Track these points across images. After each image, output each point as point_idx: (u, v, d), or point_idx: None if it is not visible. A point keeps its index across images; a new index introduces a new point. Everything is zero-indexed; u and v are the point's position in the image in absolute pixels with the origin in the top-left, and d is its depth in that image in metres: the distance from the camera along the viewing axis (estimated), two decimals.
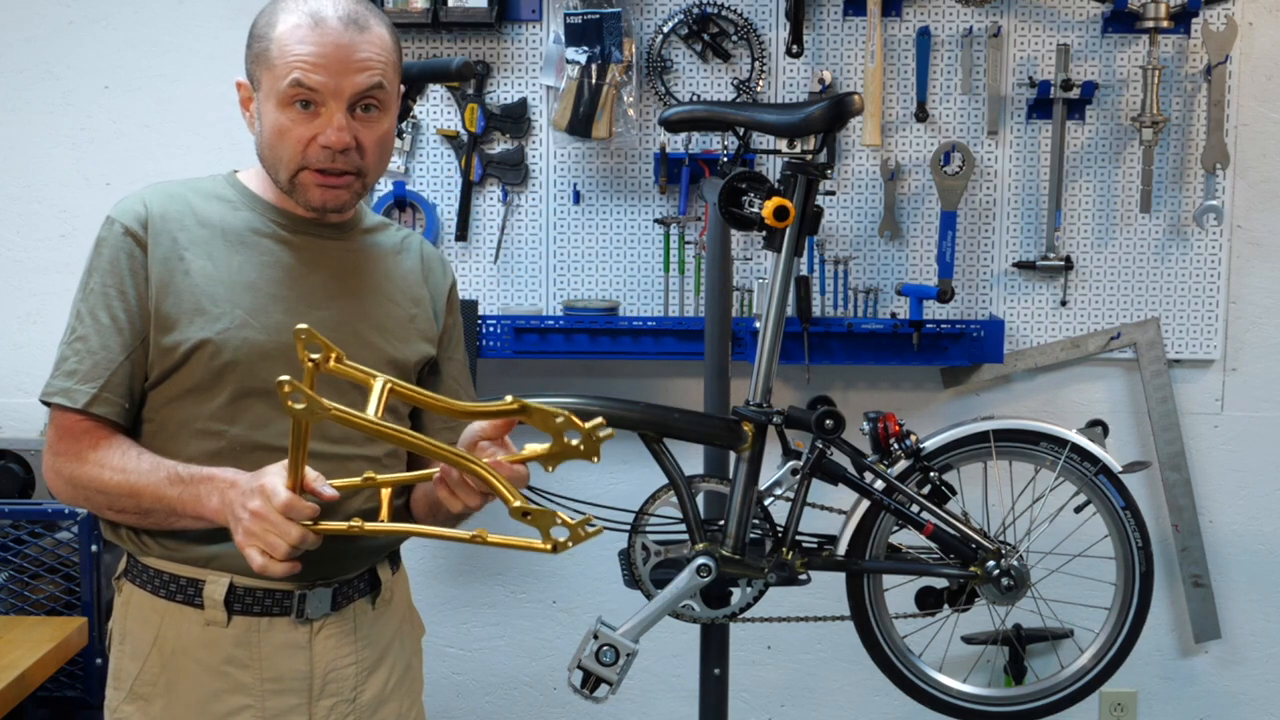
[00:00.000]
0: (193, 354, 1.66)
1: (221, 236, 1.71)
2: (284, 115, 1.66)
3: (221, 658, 1.69)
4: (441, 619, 3.07)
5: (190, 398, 1.68)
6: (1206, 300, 2.96)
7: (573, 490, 2.64)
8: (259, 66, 1.68)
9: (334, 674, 1.74)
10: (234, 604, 1.69)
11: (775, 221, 2.25)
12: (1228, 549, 3.04)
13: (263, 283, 1.70)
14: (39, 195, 2.96)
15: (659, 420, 2.34)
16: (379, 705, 1.79)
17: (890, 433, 2.41)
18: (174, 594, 1.70)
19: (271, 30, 1.66)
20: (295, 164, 1.68)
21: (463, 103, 2.90)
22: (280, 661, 1.71)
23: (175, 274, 1.67)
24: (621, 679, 2.34)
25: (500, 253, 2.94)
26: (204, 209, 1.73)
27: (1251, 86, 2.93)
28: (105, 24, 2.95)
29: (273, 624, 1.70)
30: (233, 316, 1.67)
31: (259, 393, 1.67)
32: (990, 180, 2.93)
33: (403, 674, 1.85)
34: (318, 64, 1.64)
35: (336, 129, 1.65)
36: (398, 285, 1.83)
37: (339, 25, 1.65)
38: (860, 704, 3.09)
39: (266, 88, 1.67)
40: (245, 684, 1.69)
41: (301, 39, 1.64)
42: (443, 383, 1.88)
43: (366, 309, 1.77)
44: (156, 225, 1.69)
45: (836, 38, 2.90)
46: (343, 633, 1.75)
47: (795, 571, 2.39)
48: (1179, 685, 3.08)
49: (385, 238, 1.86)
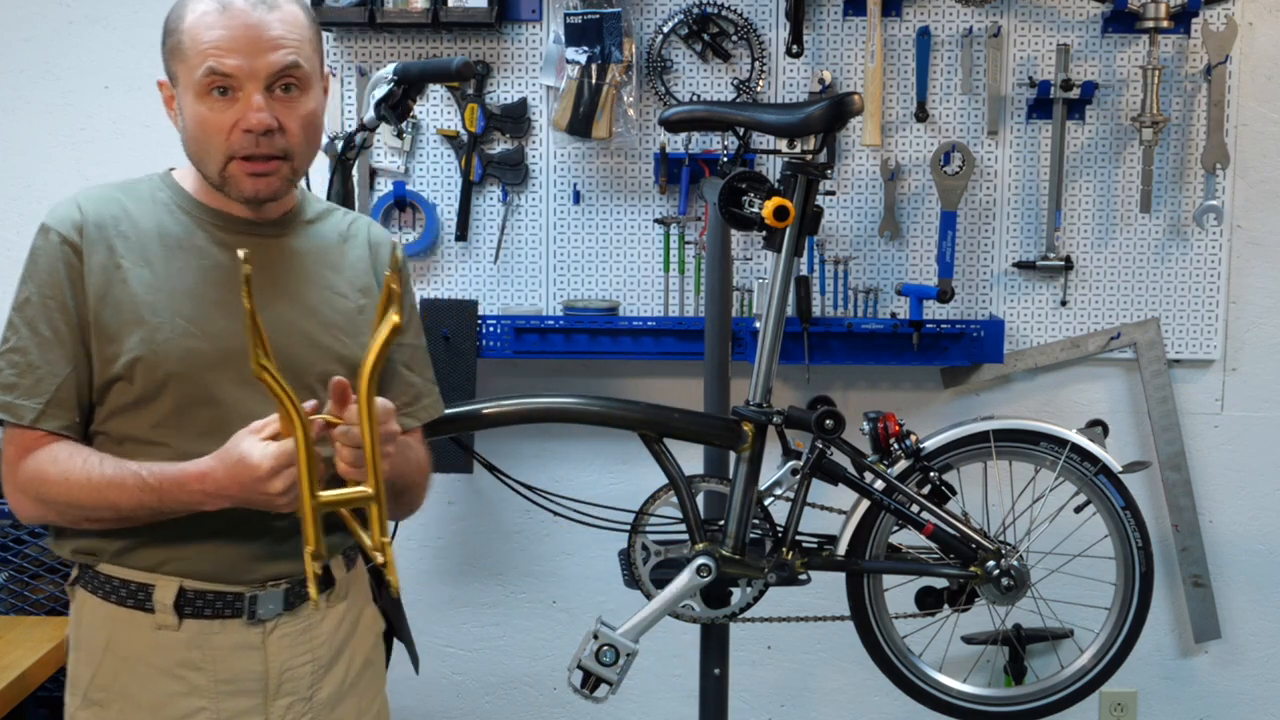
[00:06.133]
0: (134, 365, 1.63)
1: (158, 241, 1.68)
2: (203, 106, 1.63)
3: (174, 661, 1.68)
4: (441, 619, 3.07)
5: (134, 409, 1.65)
6: (1206, 300, 2.96)
7: (573, 490, 2.65)
8: (174, 61, 1.66)
9: (289, 673, 1.73)
10: (184, 607, 1.67)
11: (775, 221, 2.25)
12: (1228, 549, 3.04)
13: (203, 288, 1.67)
14: (39, 195, 2.95)
15: (659, 420, 2.35)
16: (337, 702, 1.78)
17: (890, 433, 2.41)
18: (124, 599, 1.68)
19: (181, 23, 1.64)
20: (222, 155, 1.65)
21: (463, 103, 2.90)
22: (234, 663, 1.69)
23: (113, 283, 1.64)
24: (621, 679, 2.34)
25: (500, 253, 2.94)
26: (139, 213, 1.69)
27: (1251, 86, 2.93)
28: (105, 24, 2.95)
29: (225, 626, 1.69)
30: (173, 325, 1.64)
31: (203, 401, 1.64)
32: (990, 180, 2.93)
33: (361, 669, 1.83)
34: (230, 48, 1.61)
35: (255, 110, 1.62)
36: (345, 277, 1.78)
37: (247, 7, 1.63)
38: (860, 704, 3.09)
39: (184, 81, 1.65)
40: (200, 686, 1.68)
41: (210, 25, 1.62)
42: (394, 370, 1.83)
43: (312, 305, 1.74)
44: (92, 233, 1.65)
45: (836, 38, 2.90)
46: (297, 632, 1.73)
47: (795, 571, 2.39)
48: (1179, 685, 3.08)
49: (329, 227, 1.81)
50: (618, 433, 2.47)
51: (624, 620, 2.35)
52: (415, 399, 1.86)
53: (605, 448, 2.99)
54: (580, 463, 3.00)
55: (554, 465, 2.97)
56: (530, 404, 2.40)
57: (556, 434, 2.98)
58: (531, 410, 2.40)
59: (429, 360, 1.92)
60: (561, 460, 2.99)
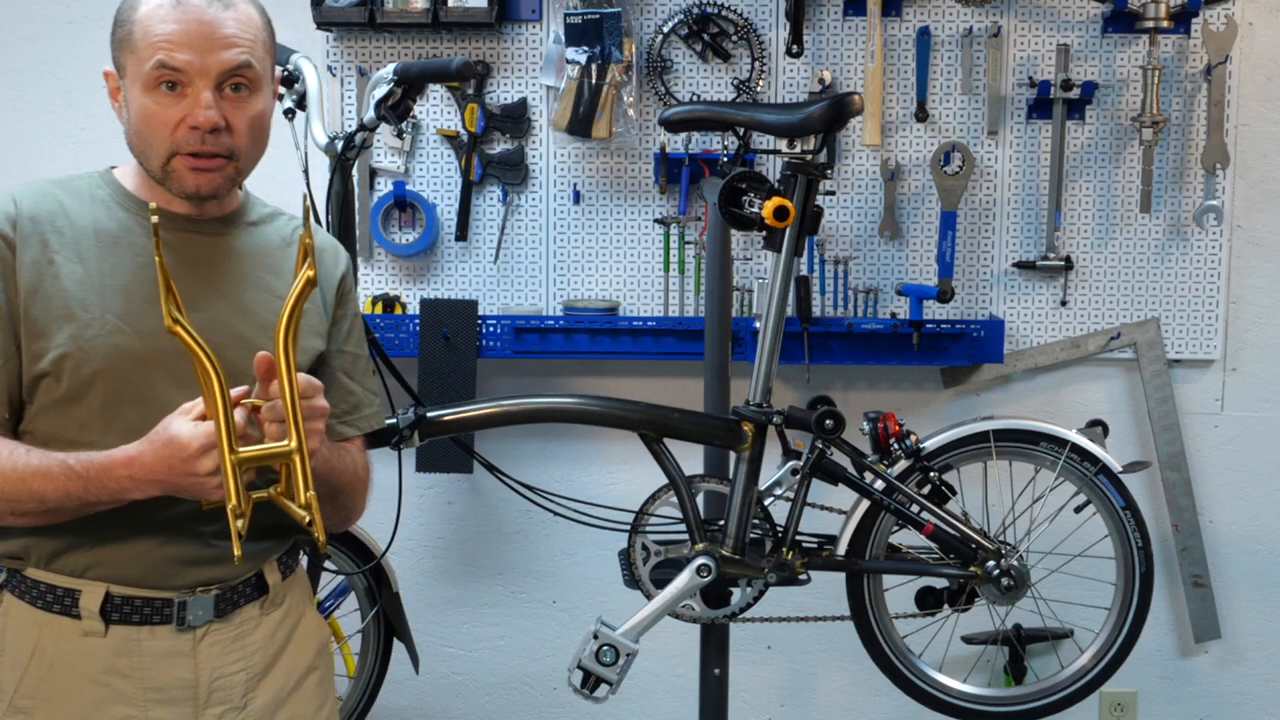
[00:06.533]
0: (61, 362, 1.60)
1: (94, 237, 1.65)
2: (150, 99, 1.62)
3: (101, 668, 1.64)
4: (441, 619, 3.07)
5: (60, 408, 1.62)
6: (1206, 300, 2.96)
7: (573, 490, 2.65)
8: (123, 52, 1.65)
9: (220, 681, 1.69)
10: (111, 613, 1.64)
11: (775, 221, 2.25)
12: (1228, 549, 3.04)
13: (136, 284, 1.64)
14: None
15: (659, 420, 2.35)
16: (273, 711, 1.74)
17: (890, 433, 2.41)
18: (50, 604, 1.65)
19: (134, 13, 1.63)
20: (166, 149, 1.64)
21: (463, 103, 2.90)
22: (163, 670, 1.65)
23: (45, 278, 1.61)
24: (621, 679, 2.34)
25: (500, 253, 2.94)
26: (76, 209, 1.67)
27: (1251, 86, 2.93)
28: (105, 24, 2.91)
29: (154, 632, 1.65)
30: (103, 322, 1.61)
31: (131, 400, 1.61)
32: (990, 180, 2.93)
33: (302, 677, 1.79)
34: (181, 42, 1.60)
35: (204, 108, 1.61)
36: (284, 281, 1.72)
37: (202, 3, 1.62)
38: (860, 704, 3.09)
39: (131, 72, 1.64)
40: (127, 694, 1.65)
41: (164, 18, 1.61)
42: (333, 377, 1.79)
43: (248, 307, 1.71)
44: (26, 227, 1.63)
45: (836, 38, 2.90)
46: (228, 639, 1.70)
47: (795, 571, 2.39)
48: (1179, 685, 3.08)
49: (273, 230, 1.79)
50: (618, 433, 2.47)
51: (624, 620, 2.35)
52: (354, 407, 1.83)
53: (605, 448, 2.99)
54: (580, 463, 3.00)
55: (554, 465, 2.97)
56: (530, 404, 2.40)
57: (556, 434, 2.98)
58: (531, 410, 2.40)
59: (371, 370, 1.89)
60: (561, 460, 2.99)
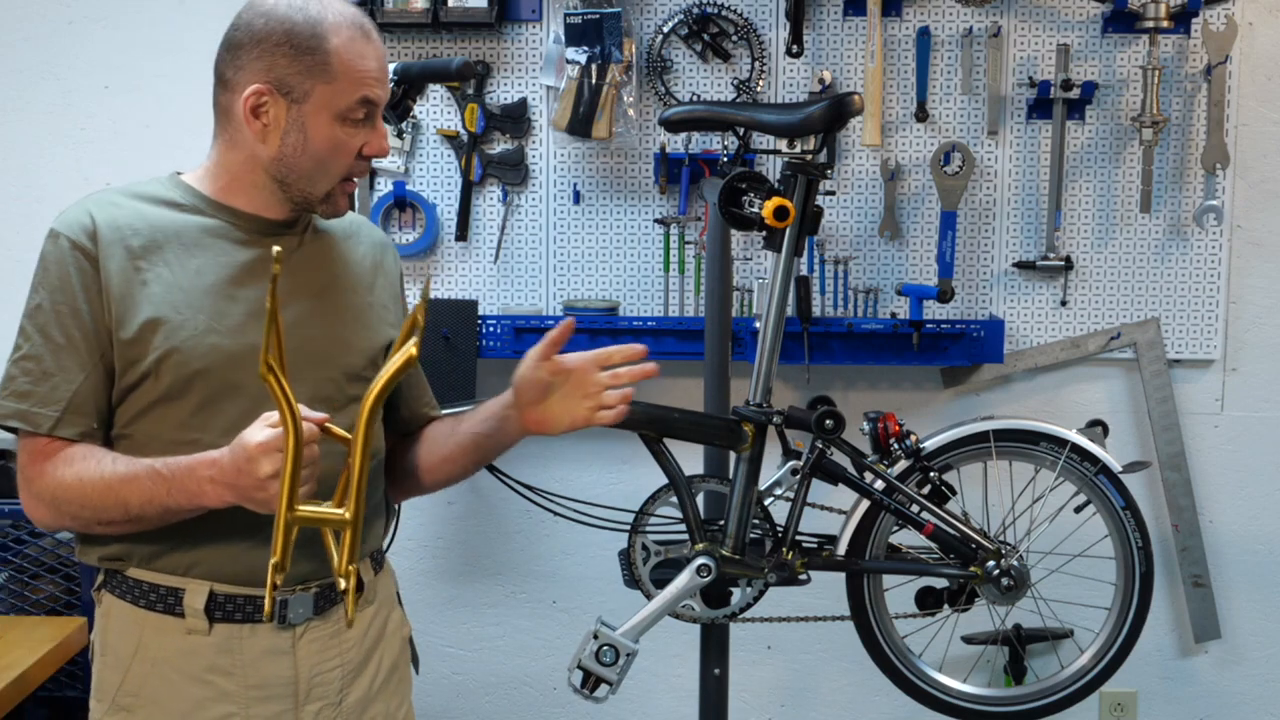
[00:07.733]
0: (161, 362, 1.62)
1: (176, 241, 1.68)
2: (341, 130, 1.66)
3: (204, 666, 1.67)
4: (441, 619, 3.07)
5: (158, 408, 1.64)
6: (1206, 300, 2.96)
7: (573, 490, 2.65)
8: (310, 78, 1.63)
9: (319, 678, 1.72)
10: (215, 612, 1.67)
11: (775, 221, 2.25)
12: (1228, 549, 3.04)
13: (222, 285, 1.67)
14: (39, 195, 2.96)
15: (659, 420, 2.34)
16: (365, 706, 1.78)
17: (890, 433, 2.41)
18: (154, 604, 1.67)
19: (324, 42, 1.63)
20: (340, 176, 1.70)
21: (463, 103, 2.90)
22: (264, 668, 1.69)
23: (132, 285, 1.63)
24: (621, 679, 2.34)
25: (500, 253, 2.94)
26: (153, 214, 1.69)
27: (1251, 86, 2.93)
28: (105, 24, 2.95)
29: (255, 630, 1.68)
30: (196, 323, 1.64)
31: (229, 396, 1.64)
32: (990, 180, 2.93)
33: (389, 673, 1.84)
34: (379, 78, 1.67)
35: (383, 137, 1.70)
36: (354, 272, 1.81)
37: (376, 36, 1.68)
38: (860, 704, 3.09)
39: (321, 100, 1.64)
40: (229, 692, 1.67)
41: (361, 53, 1.65)
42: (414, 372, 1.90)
43: (329, 301, 1.76)
44: (106, 236, 1.64)
45: (836, 38, 2.90)
46: (326, 636, 1.73)
47: (795, 571, 2.39)
48: (1179, 685, 3.08)
49: (334, 225, 1.83)
50: (618, 433, 2.45)
51: (624, 620, 2.35)
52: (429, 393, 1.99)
53: (605, 448, 2.99)
54: (580, 463, 3.00)
55: (554, 465, 2.97)
56: None
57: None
58: None
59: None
60: (561, 460, 2.99)
